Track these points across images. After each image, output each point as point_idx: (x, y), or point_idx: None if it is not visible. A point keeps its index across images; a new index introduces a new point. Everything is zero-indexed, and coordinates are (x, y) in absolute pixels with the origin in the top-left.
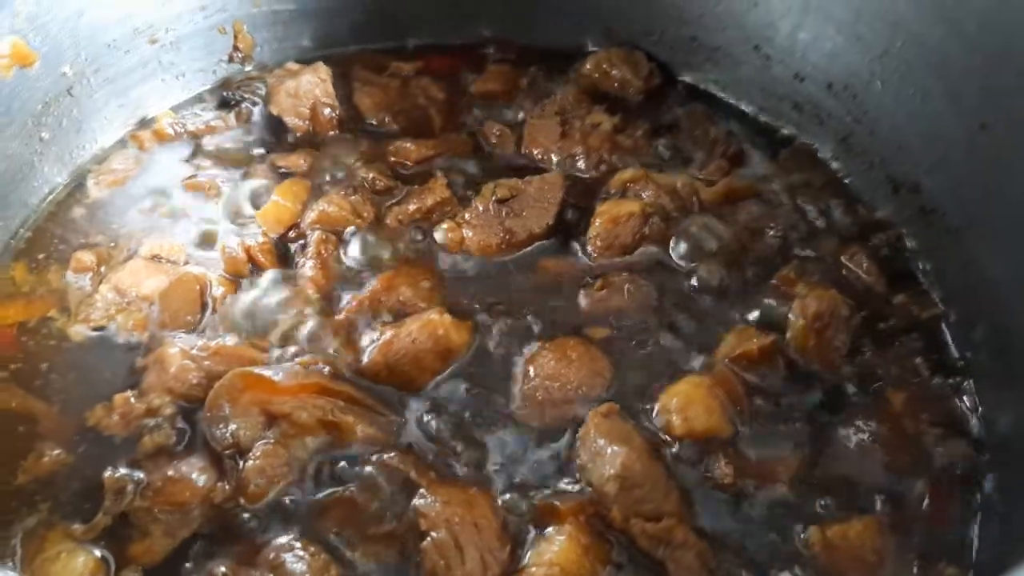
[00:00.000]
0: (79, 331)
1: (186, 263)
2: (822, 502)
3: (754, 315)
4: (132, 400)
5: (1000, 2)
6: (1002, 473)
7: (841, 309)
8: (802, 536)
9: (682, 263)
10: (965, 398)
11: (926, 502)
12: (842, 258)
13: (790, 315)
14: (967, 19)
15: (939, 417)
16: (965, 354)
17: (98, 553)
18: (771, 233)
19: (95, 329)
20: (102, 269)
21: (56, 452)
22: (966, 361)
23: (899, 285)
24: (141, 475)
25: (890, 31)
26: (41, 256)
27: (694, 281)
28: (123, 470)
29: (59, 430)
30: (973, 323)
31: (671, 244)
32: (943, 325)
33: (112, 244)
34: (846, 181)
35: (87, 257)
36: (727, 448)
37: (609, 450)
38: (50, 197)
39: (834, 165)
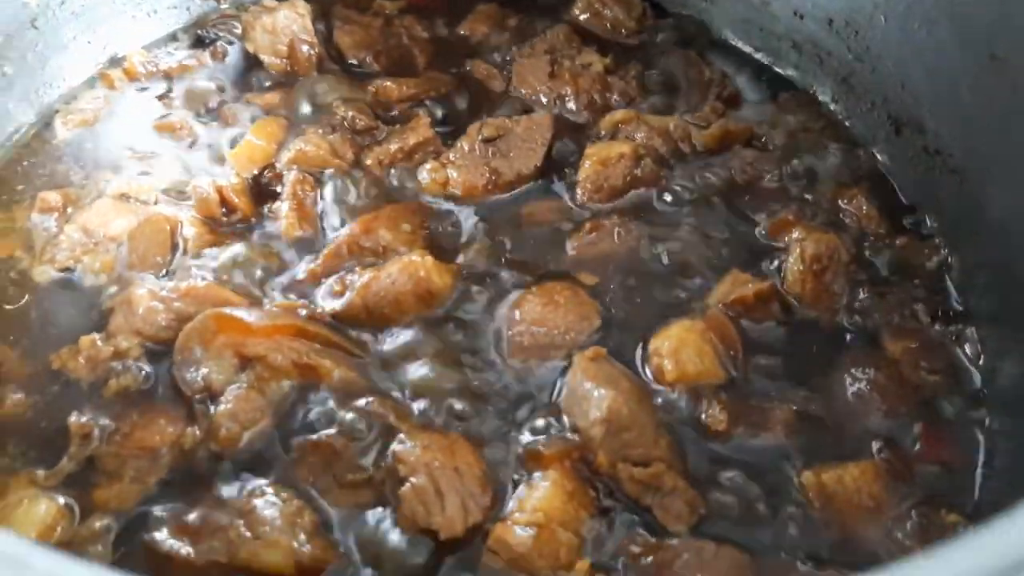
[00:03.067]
0: (44, 272)
1: (156, 203)
2: (817, 448)
3: (750, 259)
4: (98, 343)
5: None
6: (1004, 421)
7: (840, 253)
8: (797, 481)
9: (675, 207)
10: (967, 346)
11: (925, 449)
12: (840, 202)
13: (788, 258)
14: None
15: (939, 365)
16: (968, 300)
17: (62, 500)
18: (767, 177)
19: (61, 271)
20: (68, 210)
21: (19, 396)
22: (969, 307)
23: (900, 229)
24: (108, 420)
25: None
26: (4, 197)
27: (685, 226)
28: (89, 415)
29: (22, 374)
30: (977, 268)
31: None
32: (945, 270)
33: (81, 185)
34: (846, 123)
35: (53, 197)
36: (720, 393)
37: (596, 393)
38: (16, 136)
39: (833, 107)
